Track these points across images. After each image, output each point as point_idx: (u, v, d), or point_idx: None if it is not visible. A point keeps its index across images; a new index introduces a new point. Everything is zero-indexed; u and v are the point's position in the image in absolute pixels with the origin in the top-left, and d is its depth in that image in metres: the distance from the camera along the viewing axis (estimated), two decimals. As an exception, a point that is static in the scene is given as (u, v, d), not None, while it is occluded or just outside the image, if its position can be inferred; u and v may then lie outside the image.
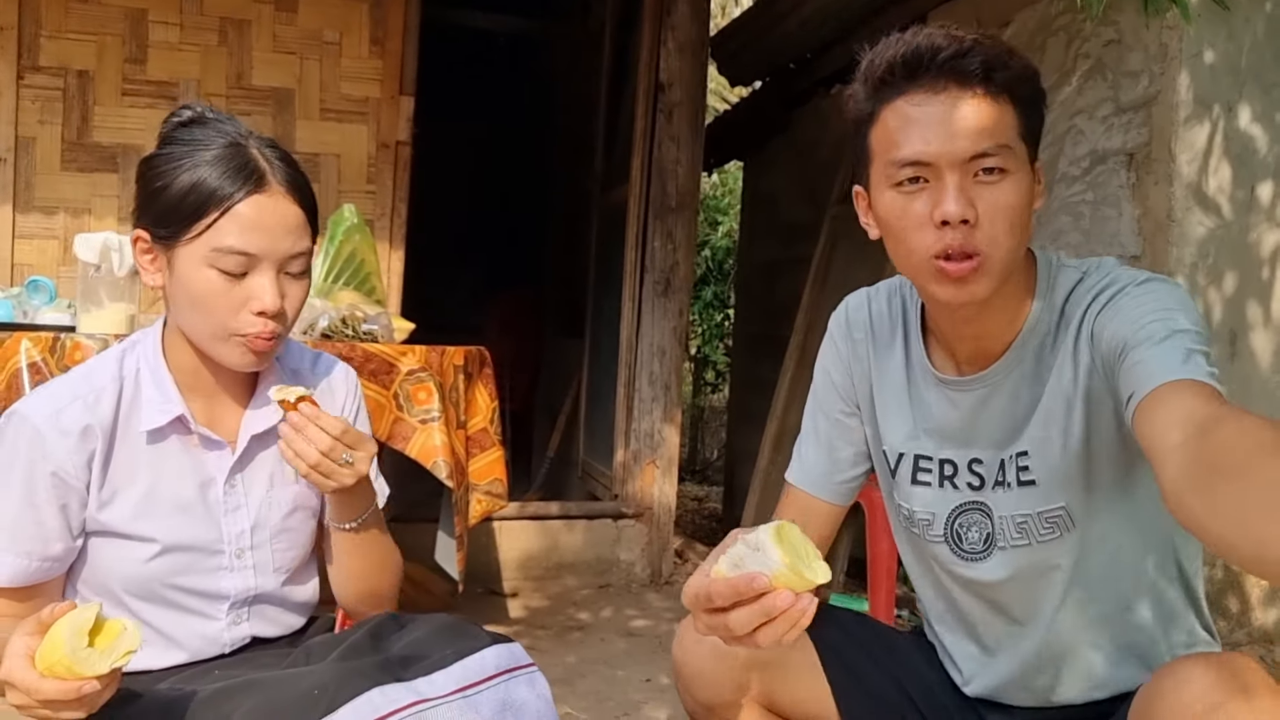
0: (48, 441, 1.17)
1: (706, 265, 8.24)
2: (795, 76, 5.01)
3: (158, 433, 1.24)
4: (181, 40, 3.29)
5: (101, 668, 0.94)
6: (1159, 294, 1.10)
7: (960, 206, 1.07)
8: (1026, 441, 1.19)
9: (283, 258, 1.19)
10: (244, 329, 1.18)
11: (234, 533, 1.28)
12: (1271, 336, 2.82)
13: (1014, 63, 1.11)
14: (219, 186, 1.15)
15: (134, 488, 1.23)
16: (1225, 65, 2.76)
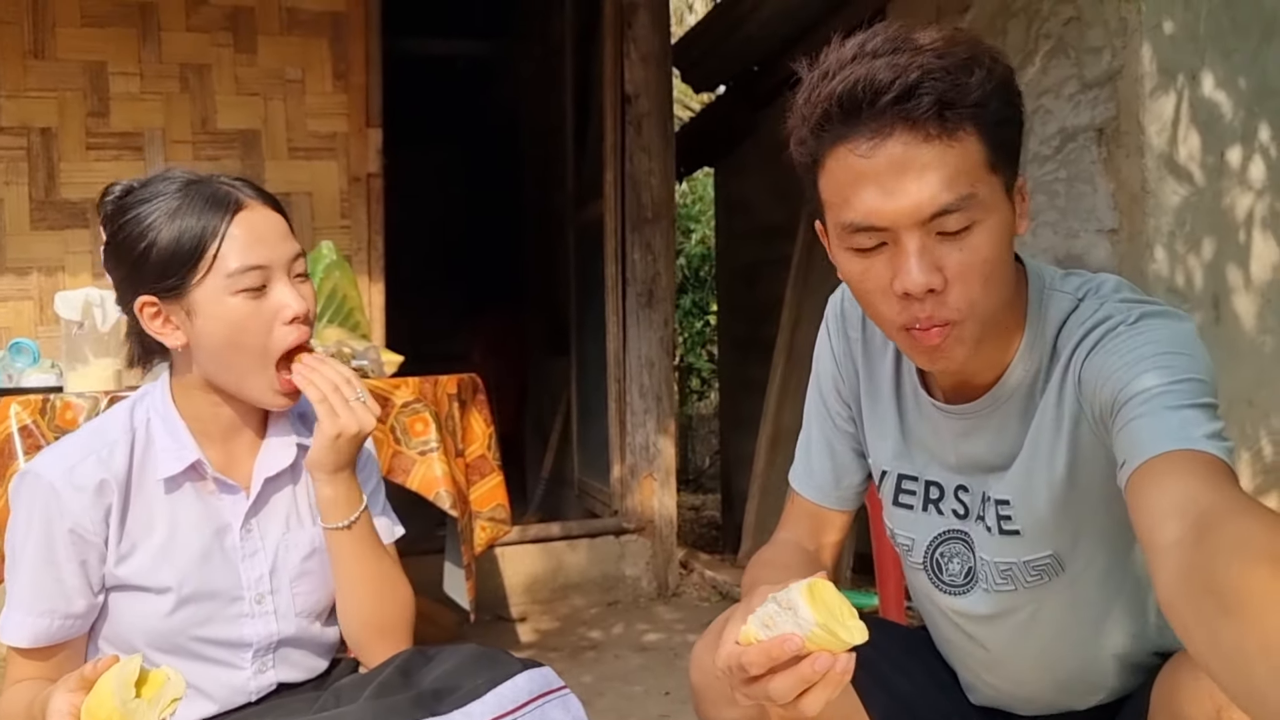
0: (63, 498, 1.17)
1: (683, 273, 8.25)
2: (759, 78, 5.03)
3: (173, 481, 1.24)
4: (143, 90, 3.27)
5: (151, 718, 0.96)
6: (1155, 334, 0.97)
7: (925, 276, 0.94)
8: (1007, 489, 1.10)
9: (288, 262, 1.21)
10: (283, 344, 1.20)
11: (253, 578, 1.28)
12: (1254, 299, 2.84)
13: (974, 81, 0.93)
14: (205, 219, 1.17)
15: (151, 539, 1.23)
16: (1185, 34, 2.78)
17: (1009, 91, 0.98)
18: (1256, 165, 2.85)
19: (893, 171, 0.93)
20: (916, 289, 0.95)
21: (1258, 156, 2.86)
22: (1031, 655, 1.19)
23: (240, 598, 1.27)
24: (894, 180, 0.93)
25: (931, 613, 1.27)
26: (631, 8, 3.82)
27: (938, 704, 1.31)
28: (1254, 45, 2.86)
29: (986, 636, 1.20)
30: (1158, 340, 0.96)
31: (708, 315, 8.08)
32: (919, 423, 1.18)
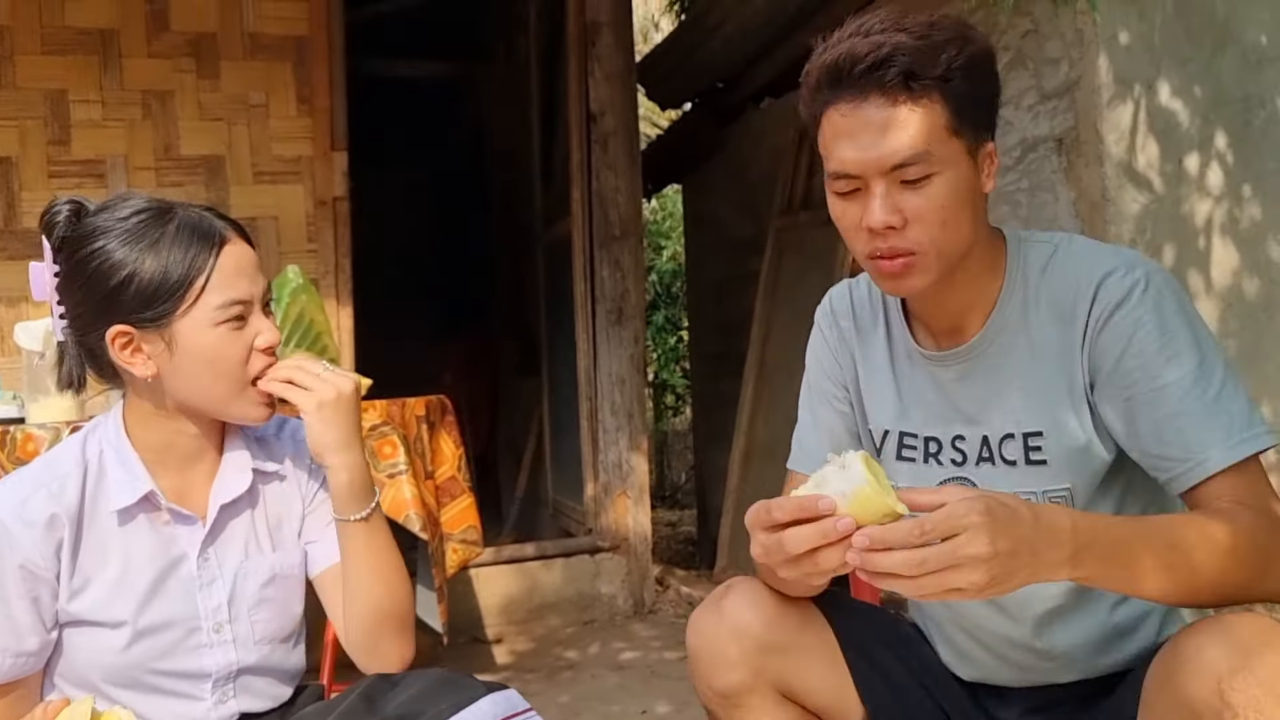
0: (13, 534, 1.16)
1: (655, 290, 8.26)
2: (724, 94, 5.05)
3: (126, 513, 1.23)
4: (105, 117, 3.25)
5: None
6: (1165, 316, 1.13)
7: (884, 215, 1.12)
8: (1036, 421, 1.20)
9: (261, 296, 1.25)
10: (256, 370, 1.23)
11: (210, 607, 1.26)
12: (1215, 304, 2.88)
13: (943, 57, 1.10)
14: (193, 253, 1.19)
15: (105, 572, 1.22)
16: (1140, 45, 2.83)
17: (977, 69, 1.15)
18: (1214, 172, 2.90)
19: (866, 129, 1.11)
20: (878, 225, 1.13)
21: (1215, 163, 2.90)
22: (1031, 601, 1.23)
23: (198, 628, 1.25)
24: (866, 136, 1.12)
25: None
26: (595, 27, 3.84)
27: (925, 682, 1.34)
28: (1208, 54, 2.91)
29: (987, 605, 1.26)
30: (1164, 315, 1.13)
31: (681, 331, 8.10)
32: (915, 381, 1.29)
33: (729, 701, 1.31)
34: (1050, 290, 1.21)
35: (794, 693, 1.31)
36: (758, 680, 1.29)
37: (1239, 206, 2.93)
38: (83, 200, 1.24)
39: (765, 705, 1.30)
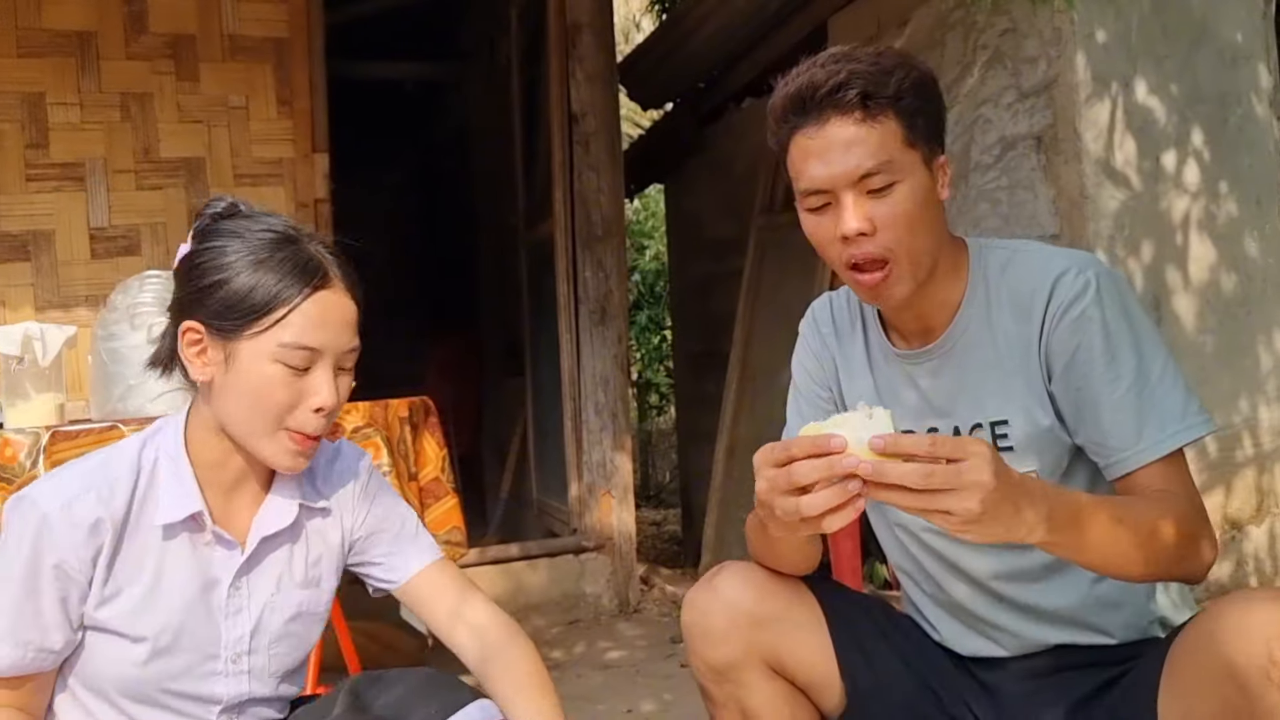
0: (55, 532, 1.15)
1: (638, 290, 8.26)
2: (705, 94, 5.06)
3: (171, 528, 1.20)
4: (83, 120, 3.23)
5: None
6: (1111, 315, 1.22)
7: (857, 222, 1.21)
8: (1002, 409, 1.29)
9: (341, 353, 1.19)
10: (301, 426, 1.17)
11: (233, 637, 1.24)
12: (1193, 299, 2.90)
13: (893, 79, 1.21)
14: (286, 283, 1.15)
15: (137, 585, 1.20)
16: (1118, 43, 2.85)
17: (924, 90, 1.25)
18: (1191, 169, 2.93)
19: (830, 147, 1.21)
20: (851, 232, 1.22)
21: (1191, 160, 2.93)
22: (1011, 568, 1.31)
23: (217, 656, 1.23)
24: (831, 153, 1.21)
25: (918, 556, 1.40)
26: (576, 28, 3.84)
27: (911, 661, 1.39)
28: (1184, 51, 2.93)
29: (968, 558, 1.33)
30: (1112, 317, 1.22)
31: (664, 331, 8.10)
32: (891, 379, 1.38)
33: (722, 676, 1.36)
34: (1009, 289, 1.30)
35: (784, 667, 1.36)
36: (749, 654, 1.34)
37: (1216, 203, 2.96)
38: (241, 203, 1.23)
39: (756, 679, 1.35)
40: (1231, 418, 2.92)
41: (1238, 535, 2.93)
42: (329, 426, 1.20)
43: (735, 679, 1.36)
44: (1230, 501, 2.92)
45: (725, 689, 1.37)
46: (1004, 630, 1.35)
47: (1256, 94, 3.02)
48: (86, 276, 3.21)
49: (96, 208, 3.24)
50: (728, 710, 1.39)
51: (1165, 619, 1.32)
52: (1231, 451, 2.92)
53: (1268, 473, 2.97)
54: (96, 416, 2.35)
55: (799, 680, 1.38)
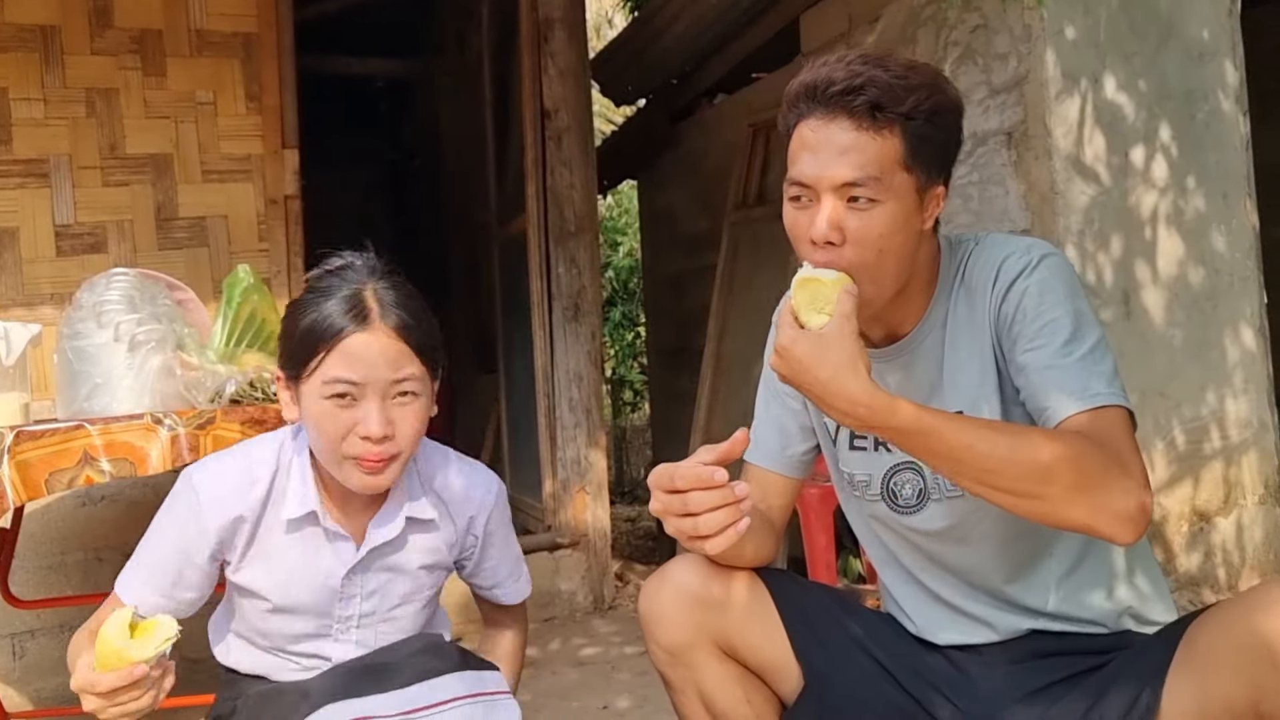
0: (204, 513, 1.37)
1: (611, 286, 8.26)
2: (678, 91, 5.06)
3: (294, 522, 1.39)
4: (47, 115, 3.18)
5: (147, 653, 1.12)
6: (1048, 287, 1.25)
7: (826, 228, 1.20)
8: (960, 402, 1.30)
9: (385, 385, 1.31)
10: (353, 452, 1.31)
11: (343, 615, 1.43)
12: (1162, 293, 2.93)
13: (911, 98, 1.19)
14: (328, 329, 1.31)
15: (267, 561, 1.40)
16: (1086, 39, 2.87)
17: (941, 116, 1.23)
18: (1159, 164, 2.95)
19: (827, 146, 1.20)
20: (819, 237, 1.21)
21: (1160, 156, 2.96)
22: (985, 561, 1.34)
23: (329, 627, 1.43)
24: (826, 153, 1.20)
25: (892, 545, 1.43)
26: (548, 23, 3.82)
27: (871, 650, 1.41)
28: (1152, 48, 2.96)
29: (943, 552, 1.37)
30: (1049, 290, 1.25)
31: (638, 327, 8.10)
32: None
33: (676, 659, 1.39)
34: (966, 282, 1.32)
35: (735, 650, 1.39)
36: (698, 635, 1.38)
37: (1184, 198, 2.99)
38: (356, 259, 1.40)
39: (708, 660, 1.38)
40: (1200, 410, 2.95)
41: (1205, 527, 2.97)
42: (390, 452, 1.32)
43: (688, 661, 1.39)
44: (1198, 494, 2.96)
45: (680, 673, 1.40)
46: (980, 620, 1.36)
47: (1223, 90, 3.05)
48: (51, 274, 3.16)
49: (61, 205, 3.19)
50: (686, 695, 1.42)
51: (1137, 612, 1.34)
52: (1199, 444, 2.95)
53: (1235, 465, 3.01)
54: (63, 416, 2.32)
55: (751, 663, 1.40)
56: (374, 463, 1.31)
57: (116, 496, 3.15)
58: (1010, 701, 1.30)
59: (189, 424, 2.14)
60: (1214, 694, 1.08)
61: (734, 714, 1.40)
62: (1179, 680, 1.12)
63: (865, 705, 1.37)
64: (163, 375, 2.29)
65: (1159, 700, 1.14)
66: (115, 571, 3.34)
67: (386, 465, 1.33)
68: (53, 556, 3.11)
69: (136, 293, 2.34)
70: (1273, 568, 3.06)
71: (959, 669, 1.37)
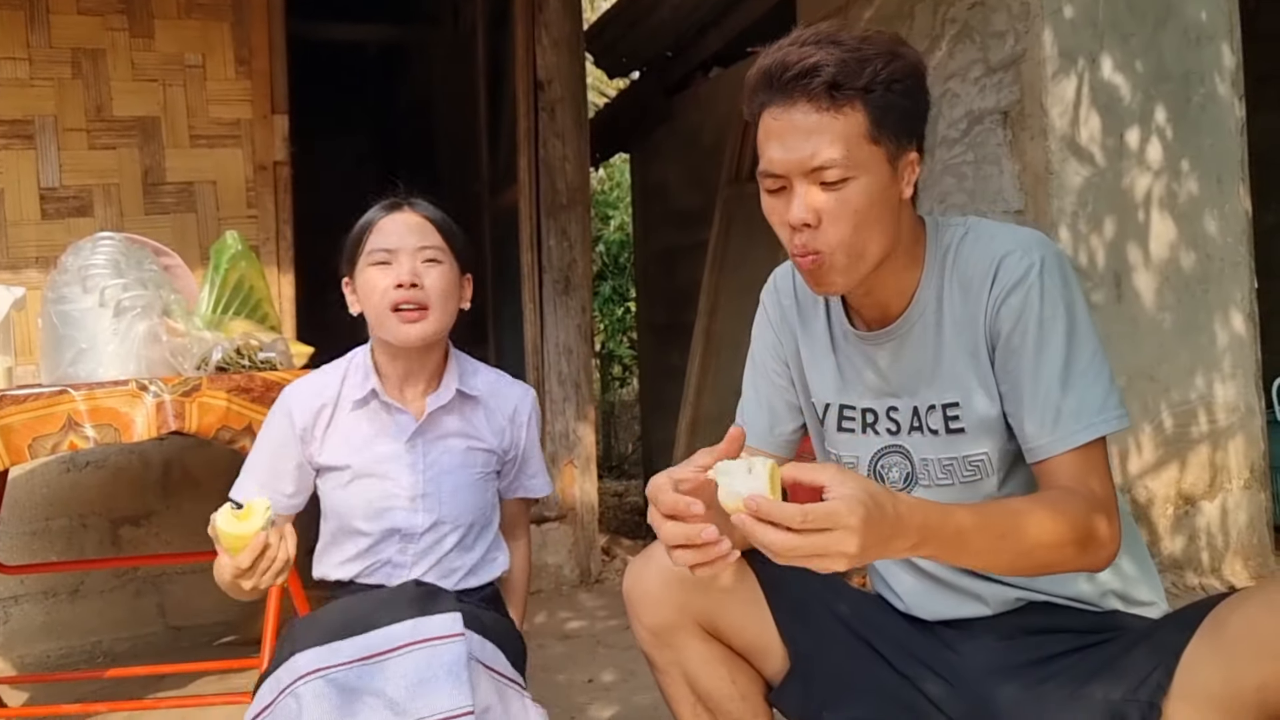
0: (293, 410, 1.69)
1: (602, 260, 8.23)
2: (673, 64, 5.02)
3: (359, 402, 1.69)
4: (32, 75, 3.13)
5: (257, 524, 1.36)
6: (1049, 300, 1.24)
7: (802, 212, 1.21)
8: (954, 393, 1.30)
9: (413, 249, 1.64)
10: (392, 300, 1.61)
11: (409, 480, 1.67)
12: (1153, 276, 2.93)
13: (868, 70, 1.18)
14: (371, 218, 1.68)
15: (343, 437, 1.69)
16: (1084, 19, 2.85)
17: (901, 83, 1.21)
18: (1154, 146, 2.94)
19: (792, 132, 1.20)
20: (796, 222, 1.21)
21: (1155, 138, 2.95)
22: None
23: (397, 494, 1.67)
24: (791, 139, 1.20)
25: None
26: (543, -8, 3.78)
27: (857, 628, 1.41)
28: (1150, 29, 2.94)
29: None
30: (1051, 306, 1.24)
31: (628, 302, 8.08)
32: (851, 358, 1.39)
33: (660, 640, 1.40)
34: (960, 270, 1.30)
35: (719, 631, 1.39)
36: (682, 615, 1.38)
37: (1177, 181, 2.98)
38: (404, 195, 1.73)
39: (692, 641, 1.39)
40: (1188, 394, 2.96)
41: (1191, 510, 2.98)
42: (420, 298, 1.61)
43: (672, 642, 1.39)
44: (1185, 477, 2.97)
45: (665, 654, 1.40)
46: (970, 593, 1.36)
47: (1220, 73, 3.04)
48: (36, 238, 3.13)
49: (47, 167, 3.15)
50: (670, 676, 1.42)
51: (1123, 592, 1.34)
52: (1187, 428, 2.96)
53: (1221, 449, 3.02)
54: (47, 381, 2.30)
55: (735, 644, 1.40)
56: (410, 311, 1.60)
57: (102, 462, 3.13)
58: (1001, 676, 1.30)
59: (174, 391, 2.12)
60: (1247, 675, 1.06)
61: (718, 694, 1.40)
62: (1200, 660, 1.12)
63: (852, 684, 1.37)
64: (148, 341, 2.27)
65: (1171, 679, 1.13)
66: (100, 538, 3.36)
67: (421, 315, 1.61)
68: (37, 522, 3.09)
69: (122, 257, 2.32)
70: (1256, 552, 3.08)
71: (948, 645, 1.37)
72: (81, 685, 2.79)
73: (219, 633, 3.19)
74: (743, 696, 1.41)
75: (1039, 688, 1.26)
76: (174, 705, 2.58)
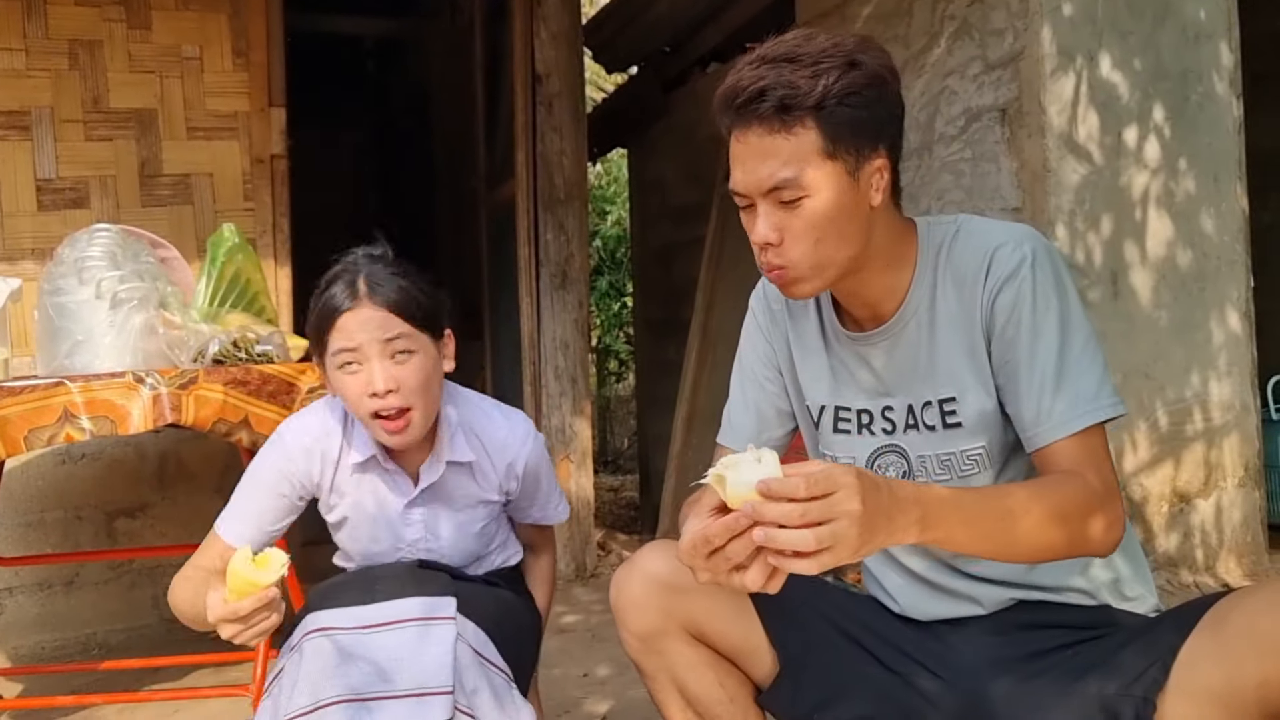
0: (292, 459, 1.64)
1: (599, 255, 8.23)
2: (671, 59, 5.02)
3: (360, 465, 1.64)
4: (29, 66, 3.13)
5: (272, 577, 1.30)
6: (1042, 291, 1.25)
7: (764, 231, 1.24)
8: (952, 388, 1.31)
9: (380, 345, 1.52)
10: (371, 408, 1.53)
11: (410, 538, 1.69)
12: (1149, 274, 2.93)
13: (820, 85, 1.19)
14: (329, 310, 1.54)
15: (345, 496, 1.67)
16: (1083, 16, 2.85)
17: (858, 95, 1.21)
18: (1151, 145, 2.95)
19: (751, 154, 1.23)
20: (760, 240, 1.25)
21: (1153, 136, 2.95)
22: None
23: (400, 548, 1.69)
24: (751, 161, 1.23)
25: None
26: (541, -14, 3.78)
27: (849, 630, 1.41)
28: (1149, 28, 2.94)
29: None
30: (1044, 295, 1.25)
31: (625, 297, 8.08)
32: (844, 360, 1.40)
33: (647, 646, 1.40)
34: (953, 266, 1.31)
35: (705, 635, 1.39)
36: (668, 620, 1.38)
37: (1175, 180, 2.98)
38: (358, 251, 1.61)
39: (679, 646, 1.39)
40: (1184, 392, 2.97)
41: (1185, 508, 2.99)
42: (399, 404, 1.52)
43: (659, 648, 1.39)
44: (1179, 475, 2.97)
45: (653, 660, 1.41)
46: (965, 596, 1.37)
47: (1218, 72, 3.04)
48: (33, 229, 3.12)
49: (43, 158, 3.15)
50: (659, 681, 1.42)
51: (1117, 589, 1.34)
52: (1182, 425, 2.97)
53: (1216, 447, 3.02)
54: (43, 372, 2.29)
55: (722, 648, 1.40)
56: (391, 418, 1.52)
57: (97, 455, 3.13)
58: (994, 672, 1.30)
59: (171, 383, 2.12)
60: (1248, 671, 1.06)
61: (708, 698, 1.41)
62: (1200, 656, 1.12)
63: (843, 684, 1.37)
64: (145, 333, 2.26)
65: (1167, 675, 1.14)
66: (95, 530, 3.34)
67: (404, 418, 1.53)
68: (32, 514, 3.09)
69: (119, 249, 2.31)
70: (1250, 550, 3.09)
71: (942, 642, 1.38)
72: (76, 677, 2.79)
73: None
74: (732, 700, 1.41)
75: (1033, 682, 1.26)
76: (168, 697, 2.58)
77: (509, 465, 1.71)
